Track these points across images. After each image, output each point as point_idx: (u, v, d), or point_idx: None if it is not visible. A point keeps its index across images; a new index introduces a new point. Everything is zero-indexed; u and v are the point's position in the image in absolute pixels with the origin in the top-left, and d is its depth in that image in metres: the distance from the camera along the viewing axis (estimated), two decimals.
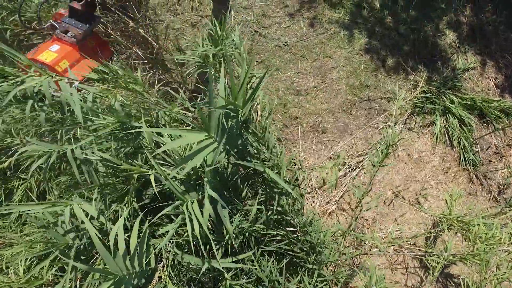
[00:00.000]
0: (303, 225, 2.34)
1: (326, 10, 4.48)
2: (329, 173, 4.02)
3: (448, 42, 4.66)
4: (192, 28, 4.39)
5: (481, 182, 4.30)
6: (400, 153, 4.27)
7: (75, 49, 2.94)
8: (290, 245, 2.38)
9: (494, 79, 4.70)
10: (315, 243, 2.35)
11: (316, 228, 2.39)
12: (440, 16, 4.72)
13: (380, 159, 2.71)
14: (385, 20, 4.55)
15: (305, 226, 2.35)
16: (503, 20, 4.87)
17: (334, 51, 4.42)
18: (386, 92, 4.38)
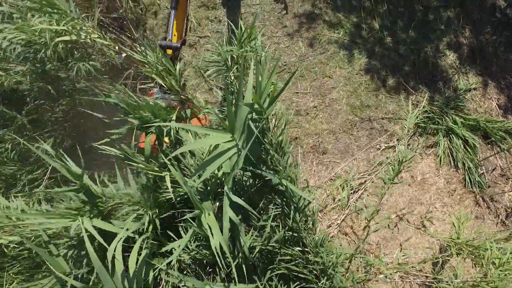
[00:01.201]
0: (315, 245, 2.18)
1: (325, 30, 4.45)
2: (334, 193, 3.88)
3: (449, 62, 4.61)
4: (190, 48, 4.34)
5: (488, 205, 4.14)
6: (404, 174, 4.14)
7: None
8: (300, 266, 2.20)
9: (497, 100, 4.63)
10: (327, 266, 2.18)
11: (329, 249, 2.22)
12: (439, 37, 4.69)
13: (392, 177, 2.57)
14: (385, 40, 4.52)
15: (317, 246, 2.18)
16: (503, 41, 4.84)
17: (334, 71, 4.36)
18: (387, 112, 4.29)
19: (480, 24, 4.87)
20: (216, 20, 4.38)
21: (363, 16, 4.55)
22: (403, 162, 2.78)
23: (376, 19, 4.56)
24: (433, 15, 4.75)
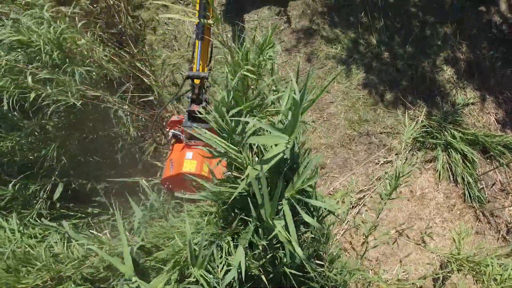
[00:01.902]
0: (331, 260, 2.11)
1: (323, 45, 4.48)
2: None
3: (446, 77, 4.63)
4: (189, 63, 4.36)
5: (489, 220, 4.10)
6: (403, 189, 4.11)
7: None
8: (314, 281, 2.08)
9: (495, 115, 4.63)
10: (340, 283, 2.10)
11: (346, 264, 2.14)
12: (436, 53, 4.72)
13: (389, 192, 2.54)
14: (382, 55, 4.54)
15: (333, 261, 2.11)
16: (499, 56, 4.87)
17: (332, 85, 4.37)
18: (385, 127, 4.29)
19: (477, 39, 4.91)
20: (214, 35, 4.41)
21: (361, 32, 4.59)
22: (401, 176, 2.76)
23: (374, 34, 4.60)
24: (430, 30, 4.80)
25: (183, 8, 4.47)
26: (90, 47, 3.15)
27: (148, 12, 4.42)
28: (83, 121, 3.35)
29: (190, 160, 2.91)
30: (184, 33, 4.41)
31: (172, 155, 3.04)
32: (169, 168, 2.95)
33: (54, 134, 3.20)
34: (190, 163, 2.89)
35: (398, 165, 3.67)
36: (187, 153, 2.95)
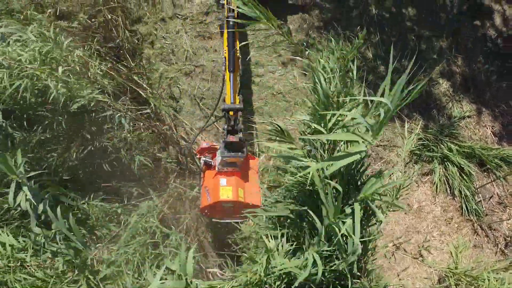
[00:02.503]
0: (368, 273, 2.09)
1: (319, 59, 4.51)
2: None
3: (442, 90, 4.66)
4: (186, 77, 4.40)
5: (487, 234, 4.08)
6: (400, 202, 4.10)
7: (238, 175, 3.12)
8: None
9: (491, 127, 4.65)
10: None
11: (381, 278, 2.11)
12: (432, 66, 4.76)
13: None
14: (378, 69, 4.58)
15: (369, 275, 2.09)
16: (494, 70, 4.91)
17: None
18: (382, 140, 4.30)
19: (472, 53, 4.95)
20: (212, 49, 4.46)
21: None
22: (400, 189, 2.76)
23: (370, 48, 4.64)
24: (426, 44, 4.84)
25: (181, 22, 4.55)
26: (84, 63, 3.17)
27: (146, 26, 4.46)
28: (80, 131, 3.36)
29: (225, 186, 3.02)
30: (181, 47, 4.45)
31: (206, 182, 3.14)
32: (206, 196, 3.05)
33: (52, 147, 3.20)
34: (226, 190, 3.00)
35: (397, 176, 3.67)
36: (221, 180, 3.06)
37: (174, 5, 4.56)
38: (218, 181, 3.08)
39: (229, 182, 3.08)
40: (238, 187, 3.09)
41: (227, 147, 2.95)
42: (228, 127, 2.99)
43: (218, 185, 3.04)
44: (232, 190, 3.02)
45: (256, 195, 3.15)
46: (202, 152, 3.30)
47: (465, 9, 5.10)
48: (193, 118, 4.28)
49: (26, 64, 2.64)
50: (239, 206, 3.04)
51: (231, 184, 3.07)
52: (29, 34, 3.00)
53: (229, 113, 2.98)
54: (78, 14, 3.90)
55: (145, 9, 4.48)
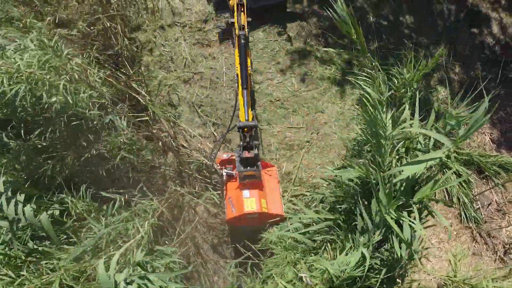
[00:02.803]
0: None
1: (317, 66, 4.54)
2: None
3: (440, 97, 4.67)
4: (185, 84, 4.41)
5: (486, 241, 4.06)
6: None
7: (260, 184, 3.26)
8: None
9: (490, 134, 4.64)
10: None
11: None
12: (430, 73, 4.77)
13: None
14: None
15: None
16: (492, 77, 4.92)
17: (326, 106, 4.40)
18: None
19: (470, 60, 4.97)
20: (210, 57, 4.48)
21: (354, 53, 4.65)
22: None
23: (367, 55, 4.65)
24: (423, 51, 4.86)
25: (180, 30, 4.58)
26: (83, 70, 3.18)
27: (145, 34, 4.49)
28: (77, 139, 3.36)
29: (249, 198, 3.17)
30: (180, 54, 4.47)
31: (229, 194, 3.27)
32: (230, 208, 3.20)
33: (48, 155, 3.20)
34: (250, 201, 3.15)
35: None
36: (244, 192, 3.20)
37: (173, 13, 4.60)
38: (241, 192, 3.21)
39: (252, 193, 3.20)
40: (260, 197, 3.20)
41: (243, 162, 3.05)
42: (243, 143, 3.04)
43: (241, 197, 3.17)
44: (255, 202, 3.15)
45: (278, 203, 3.30)
46: (223, 164, 3.40)
47: (462, 17, 5.13)
48: (192, 125, 4.28)
49: (25, 69, 2.65)
50: (263, 215, 3.16)
51: (253, 195, 3.19)
52: (29, 43, 3.02)
53: (244, 129, 3.04)
54: (77, 22, 3.92)
55: (144, 17, 4.52)
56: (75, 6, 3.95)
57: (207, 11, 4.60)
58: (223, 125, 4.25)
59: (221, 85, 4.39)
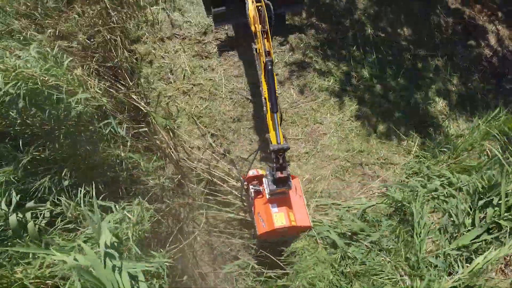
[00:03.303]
0: None
1: (315, 78, 4.56)
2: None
3: (439, 109, 4.68)
4: (184, 95, 4.43)
5: None
6: None
7: (287, 199, 3.37)
8: None
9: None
10: None
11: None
12: (428, 85, 4.80)
13: None
14: (375, 88, 4.62)
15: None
16: (491, 88, 4.94)
17: (325, 117, 4.41)
18: (379, 158, 4.30)
19: (468, 72, 5.00)
20: (209, 68, 4.51)
21: (353, 65, 4.68)
22: None
23: (366, 67, 4.69)
24: (422, 63, 4.89)
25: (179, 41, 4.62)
26: (83, 81, 3.21)
27: (145, 46, 4.53)
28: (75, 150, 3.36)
29: (278, 213, 3.28)
30: (179, 66, 4.50)
31: (258, 209, 3.38)
32: (260, 222, 3.32)
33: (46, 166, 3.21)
34: (279, 216, 3.27)
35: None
36: (272, 207, 3.32)
37: (172, 25, 4.64)
38: (269, 208, 3.32)
39: (280, 208, 3.31)
40: (288, 211, 3.31)
41: (275, 182, 3.16)
42: (277, 165, 3.12)
43: (270, 212, 3.28)
44: (284, 216, 3.27)
45: (305, 215, 3.44)
46: (250, 181, 3.49)
47: (459, 29, 5.17)
48: (191, 136, 4.29)
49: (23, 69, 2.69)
50: (292, 228, 3.29)
51: (282, 210, 3.30)
52: (31, 51, 3.05)
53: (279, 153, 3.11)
54: (78, 34, 3.96)
55: (144, 30, 4.56)
56: (76, 19, 4.00)
57: (206, 23, 4.64)
58: (222, 136, 4.26)
59: (220, 96, 4.40)
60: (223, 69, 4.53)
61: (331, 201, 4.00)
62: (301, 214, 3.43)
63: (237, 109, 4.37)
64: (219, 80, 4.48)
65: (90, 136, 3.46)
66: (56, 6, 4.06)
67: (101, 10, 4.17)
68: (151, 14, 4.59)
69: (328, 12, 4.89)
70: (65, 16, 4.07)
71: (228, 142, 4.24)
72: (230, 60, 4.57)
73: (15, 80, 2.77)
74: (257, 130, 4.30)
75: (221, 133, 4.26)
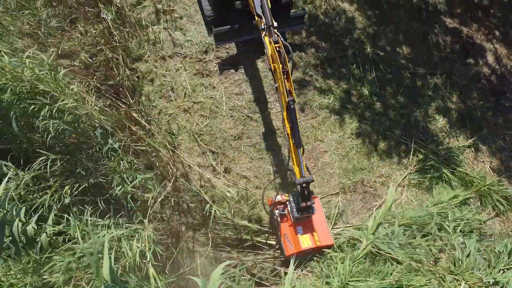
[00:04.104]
0: None
1: (316, 96, 4.59)
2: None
3: (439, 126, 4.69)
4: (185, 113, 4.44)
5: None
6: None
7: (311, 221, 3.64)
8: None
9: (490, 163, 4.64)
10: None
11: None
12: (428, 102, 4.82)
13: None
14: (374, 105, 4.64)
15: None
16: (490, 106, 4.97)
17: (326, 135, 4.42)
18: (380, 176, 4.28)
19: (467, 90, 5.04)
20: (210, 86, 4.53)
21: (353, 83, 4.71)
22: None
23: (366, 85, 4.73)
24: (421, 81, 4.93)
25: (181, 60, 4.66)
26: (81, 98, 3.23)
27: (147, 65, 4.56)
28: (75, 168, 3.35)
29: (303, 235, 3.58)
30: (180, 84, 4.53)
31: (284, 231, 3.63)
32: (287, 244, 3.57)
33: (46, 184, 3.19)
34: (305, 238, 3.57)
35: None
36: (298, 229, 3.61)
37: (174, 44, 4.69)
38: (295, 230, 3.61)
39: (305, 230, 3.61)
40: (312, 232, 3.61)
41: (300, 211, 3.46)
42: (302, 195, 3.36)
43: (296, 234, 3.58)
44: (309, 237, 3.57)
45: (327, 234, 3.66)
46: (275, 206, 3.69)
47: (457, 48, 5.23)
48: (191, 153, 4.28)
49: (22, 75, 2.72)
50: (317, 247, 3.58)
51: (306, 231, 3.60)
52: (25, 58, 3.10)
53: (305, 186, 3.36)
54: (80, 53, 3.99)
55: (146, 48, 4.60)
56: (78, 38, 4.04)
57: (207, 42, 4.69)
58: (222, 154, 4.25)
59: (220, 114, 4.42)
60: (223, 87, 4.55)
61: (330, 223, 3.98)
62: (324, 233, 3.65)
63: (238, 127, 4.38)
64: (219, 98, 4.50)
65: (90, 153, 3.45)
66: (59, 26, 4.11)
67: (104, 29, 4.22)
68: (153, 33, 4.65)
69: (327, 32, 4.96)
70: (68, 35, 4.12)
71: (228, 160, 4.23)
72: (231, 78, 4.61)
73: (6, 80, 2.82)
74: (258, 148, 4.30)
75: (222, 151, 4.25)
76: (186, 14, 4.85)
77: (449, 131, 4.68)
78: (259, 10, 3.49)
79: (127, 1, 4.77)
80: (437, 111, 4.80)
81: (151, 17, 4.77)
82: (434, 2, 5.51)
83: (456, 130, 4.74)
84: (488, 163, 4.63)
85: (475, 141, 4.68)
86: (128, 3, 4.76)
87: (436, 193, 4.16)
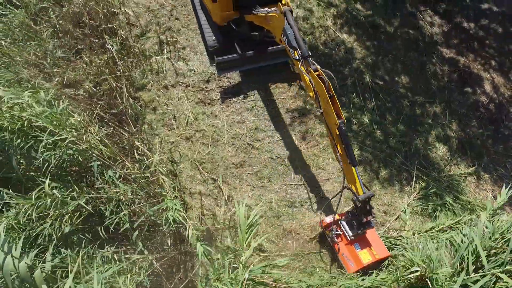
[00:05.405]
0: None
1: (317, 124, 4.62)
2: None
3: (440, 154, 4.71)
4: (187, 141, 4.47)
5: None
6: None
7: (365, 237, 3.70)
8: None
9: (492, 191, 4.62)
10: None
11: None
12: (428, 130, 4.86)
13: None
14: (375, 133, 4.67)
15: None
16: (490, 134, 5.01)
17: (327, 163, 4.43)
18: (382, 204, 4.26)
19: (466, 118, 5.08)
20: (212, 115, 4.58)
21: (353, 111, 4.77)
22: None
23: (366, 114, 4.78)
24: (420, 110, 4.99)
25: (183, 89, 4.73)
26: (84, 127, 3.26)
27: (149, 94, 4.63)
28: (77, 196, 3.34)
29: (361, 251, 3.63)
30: (183, 112, 4.58)
31: (342, 251, 3.69)
32: (347, 262, 3.63)
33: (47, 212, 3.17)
34: (363, 254, 3.62)
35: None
36: (355, 246, 3.66)
37: (176, 73, 4.78)
38: (353, 247, 3.65)
39: (362, 246, 3.67)
40: (369, 246, 3.66)
41: (362, 225, 3.57)
42: (364, 210, 3.46)
43: (354, 251, 3.62)
44: (368, 253, 3.63)
45: (382, 246, 3.72)
46: (328, 227, 3.77)
47: (455, 77, 5.33)
48: (193, 181, 4.27)
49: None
50: (377, 261, 3.62)
51: (363, 247, 3.66)
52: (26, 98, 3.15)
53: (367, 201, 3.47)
54: (84, 82, 4.06)
55: (149, 78, 4.69)
56: (83, 68, 4.12)
57: (210, 71, 4.78)
58: (224, 181, 4.24)
59: (222, 142, 4.44)
60: (225, 115, 4.60)
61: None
62: (379, 246, 3.70)
63: (239, 155, 4.39)
64: (221, 126, 4.54)
65: (90, 182, 3.45)
66: (65, 56, 4.20)
67: (108, 59, 4.31)
68: (156, 63, 4.74)
69: (327, 61, 5.06)
70: (73, 65, 4.20)
71: (230, 187, 4.22)
72: (232, 106, 4.66)
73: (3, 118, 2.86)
74: (259, 176, 4.29)
75: (223, 179, 4.24)
76: (189, 45, 4.97)
77: (450, 158, 4.69)
78: (293, 43, 3.57)
79: (132, 32, 4.89)
80: (437, 139, 4.83)
81: (155, 47, 4.88)
82: (431, 33, 5.65)
83: (457, 157, 4.75)
84: (490, 191, 4.62)
85: (476, 169, 4.68)
86: (133, 34, 4.89)
87: (439, 222, 4.13)
